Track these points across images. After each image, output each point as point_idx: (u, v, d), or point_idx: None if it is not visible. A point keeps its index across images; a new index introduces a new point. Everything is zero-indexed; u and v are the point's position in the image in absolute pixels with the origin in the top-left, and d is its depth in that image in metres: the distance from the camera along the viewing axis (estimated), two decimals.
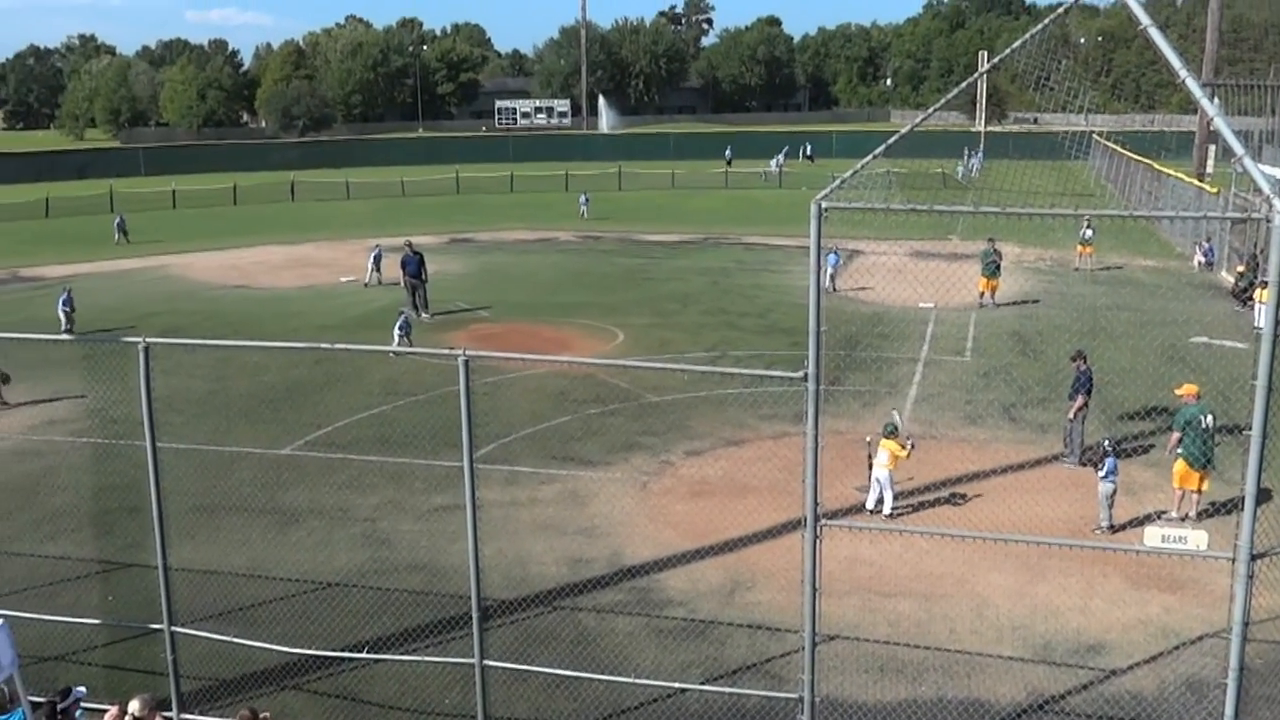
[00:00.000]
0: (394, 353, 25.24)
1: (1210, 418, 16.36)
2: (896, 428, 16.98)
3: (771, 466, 18.30)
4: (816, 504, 9.84)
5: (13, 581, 15.02)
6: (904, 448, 16.71)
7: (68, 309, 30.91)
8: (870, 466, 16.96)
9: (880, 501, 16.87)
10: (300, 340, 24.52)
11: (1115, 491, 16.08)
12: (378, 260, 38.41)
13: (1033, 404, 22.52)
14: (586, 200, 59.14)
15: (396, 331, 27.27)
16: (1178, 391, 17.16)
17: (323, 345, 13.40)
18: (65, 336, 25.95)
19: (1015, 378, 24.49)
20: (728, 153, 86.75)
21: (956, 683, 12.36)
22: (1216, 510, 16.29)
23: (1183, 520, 16.05)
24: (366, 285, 37.95)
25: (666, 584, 14.95)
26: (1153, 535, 10.14)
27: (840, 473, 16.65)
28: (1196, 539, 9.91)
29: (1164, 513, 16.53)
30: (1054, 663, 12.74)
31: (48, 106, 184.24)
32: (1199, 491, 16.38)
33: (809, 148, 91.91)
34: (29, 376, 25.07)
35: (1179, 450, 16.31)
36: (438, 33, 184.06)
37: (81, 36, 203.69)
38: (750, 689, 11.90)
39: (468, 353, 10.47)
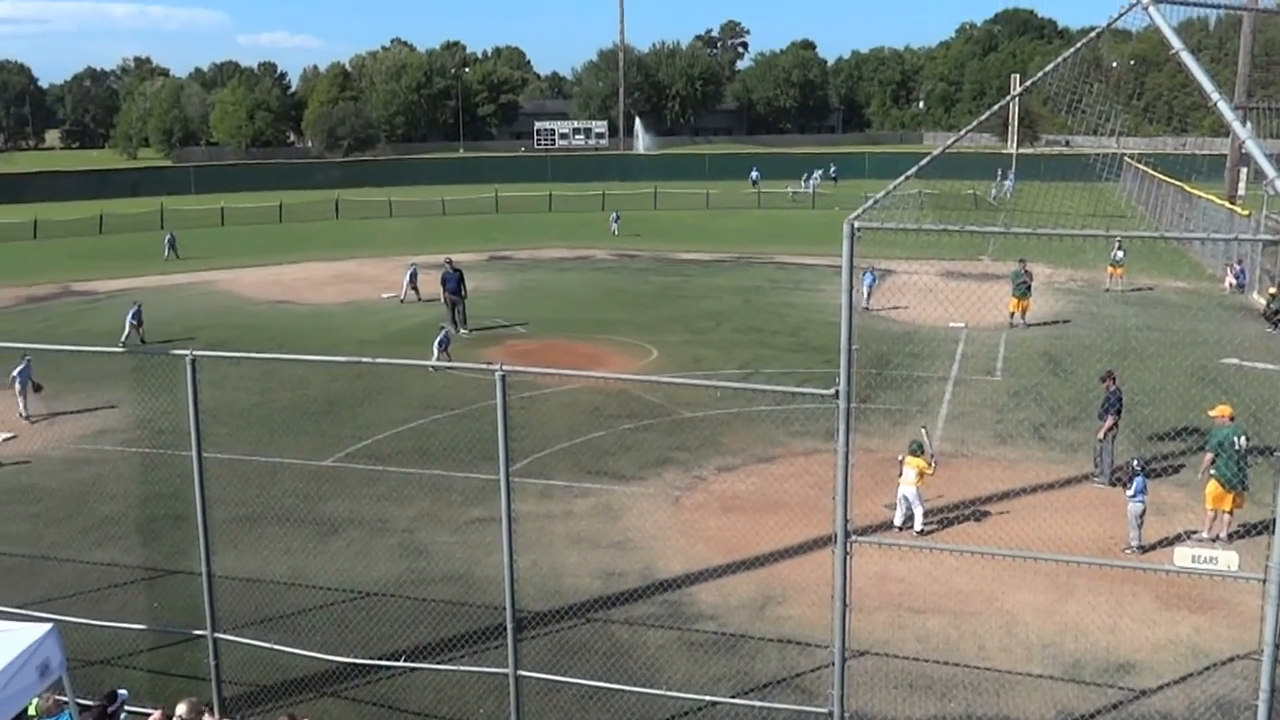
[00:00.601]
0: (433, 367, 25.31)
1: (1243, 439, 16.10)
2: (922, 445, 16.86)
3: (802, 483, 18.22)
4: (847, 520, 9.79)
5: (62, 587, 15.20)
6: (929, 465, 16.60)
7: (135, 322, 31.61)
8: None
9: (909, 518, 16.73)
10: (342, 355, 24.65)
11: (1145, 511, 15.89)
12: (414, 278, 38.65)
13: (1063, 423, 22.30)
14: (618, 219, 59.53)
15: (436, 347, 27.37)
16: (1211, 413, 16.87)
17: (364, 359, 13.47)
18: (118, 349, 26.18)
19: (1045, 397, 24.26)
20: (754, 174, 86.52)
21: (985, 700, 12.22)
22: (1247, 531, 16.02)
23: (1214, 541, 15.83)
24: (402, 301, 38.15)
25: (698, 598, 14.89)
26: (1183, 555, 10.01)
27: (870, 490, 16.56)
28: (1227, 559, 9.78)
29: (1194, 533, 16.32)
30: (1083, 681, 12.57)
31: (103, 126, 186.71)
32: (1231, 513, 16.14)
33: (832, 168, 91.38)
34: (83, 387, 25.47)
35: (1212, 471, 16.07)
36: (479, 55, 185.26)
37: (137, 59, 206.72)
38: (780, 703, 11.81)
39: (505, 368, 10.49)
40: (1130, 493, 15.90)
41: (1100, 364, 22.90)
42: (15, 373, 23.55)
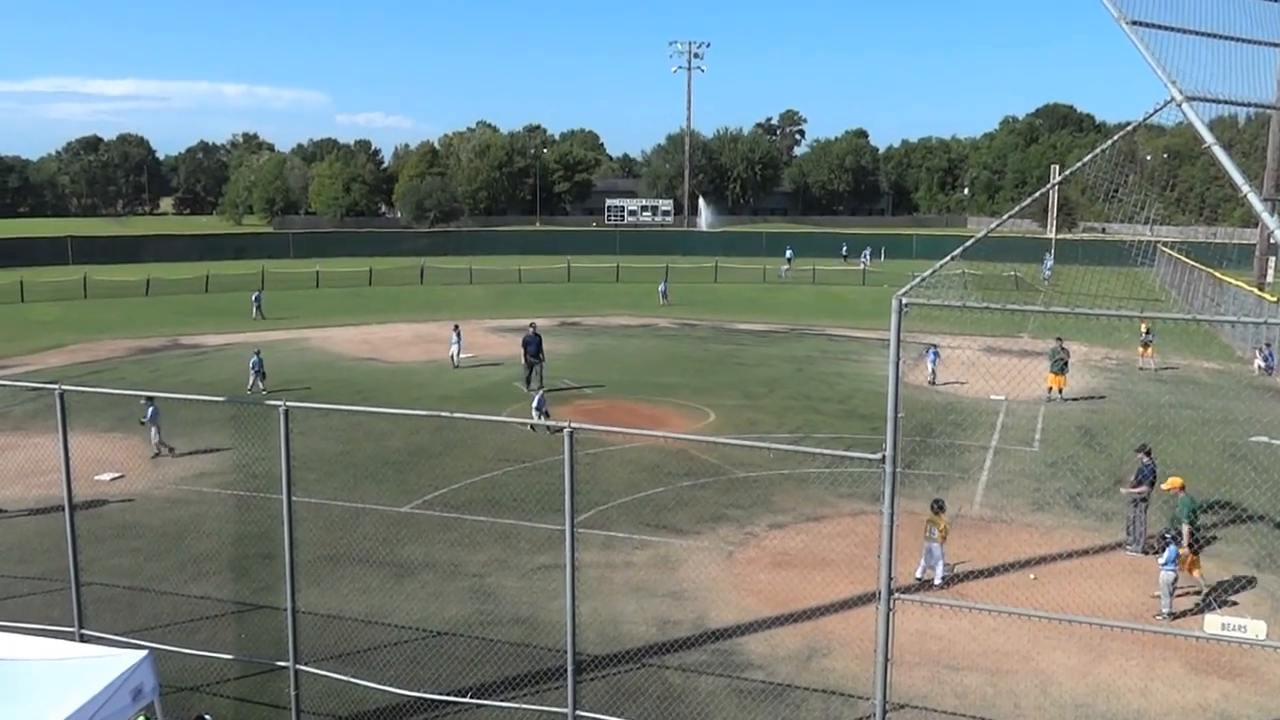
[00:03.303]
0: (533, 426, 25.56)
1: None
2: (943, 504, 16.77)
3: (849, 542, 18.05)
4: (890, 578, 9.69)
5: (158, 617, 15.41)
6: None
7: (257, 369, 32.75)
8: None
9: (946, 578, 16.51)
10: (422, 409, 24.87)
11: (1176, 579, 15.51)
12: (457, 341, 38.27)
13: (1097, 493, 21.88)
14: (665, 291, 60.10)
15: (534, 410, 27.11)
16: (1165, 486, 16.94)
17: (442, 413, 13.61)
18: (218, 399, 26.70)
19: (1081, 468, 23.83)
20: (788, 252, 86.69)
21: None
22: (1276, 601, 15.60)
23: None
24: (456, 366, 37.73)
25: (747, 647, 14.73)
26: (1212, 623, 9.77)
27: (913, 550, 16.38)
28: (1255, 628, 9.53)
29: (1226, 602, 15.88)
30: None
31: (212, 195, 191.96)
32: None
33: (845, 248, 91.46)
34: (186, 432, 25.98)
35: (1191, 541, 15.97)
36: (557, 137, 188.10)
37: (245, 134, 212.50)
38: None
39: (573, 425, 10.58)
40: (1162, 561, 15.55)
41: (1134, 438, 22.54)
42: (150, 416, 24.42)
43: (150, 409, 24.49)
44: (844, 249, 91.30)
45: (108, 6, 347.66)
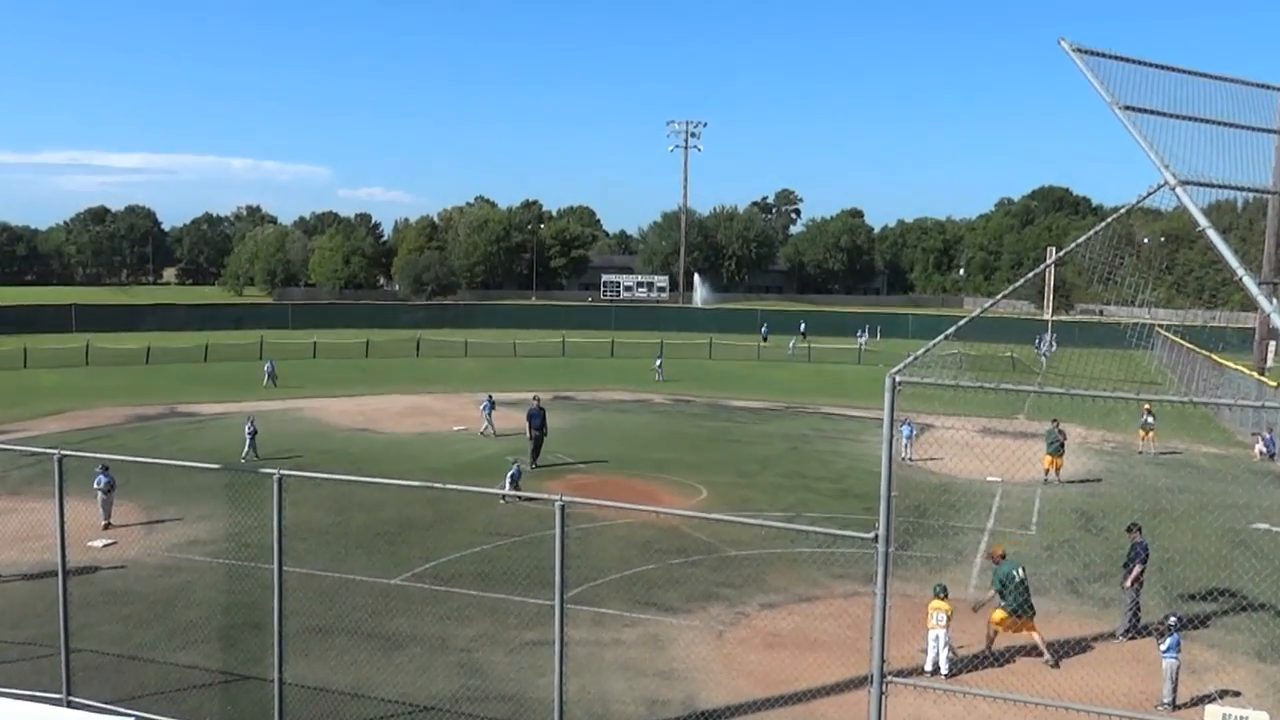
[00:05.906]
0: (504, 498, 25.48)
1: (1020, 570, 16.83)
2: (946, 589, 16.61)
3: (841, 623, 17.86)
4: (884, 661, 9.58)
5: (145, 685, 15.20)
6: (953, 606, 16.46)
7: (252, 433, 33.12)
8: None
9: (937, 664, 16.27)
10: (415, 481, 24.73)
11: (1180, 668, 15.27)
12: (489, 411, 38.58)
13: (1095, 579, 21.68)
14: (661, 366, 60.53)
15: (508, 480, 27.08)
16: (991, 560, 17.61)
17: (435, 485, 13.57)
18: (213, 466, 26.56)
19: (1079, 552, 23.66)
20: (764, 329, 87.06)
21: None
22: (1279, 692, 15.39)
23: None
24: (483, 434, 37.99)
25: None
26: (1214, 713, 9.65)
27: (907, 633, 16.18)
28: (1258, 719, 9.40)
29: (1228, 692, 15.66)
30: None
31: (215, 266, 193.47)
32: (1038, 633, 16.77)
33: (803, 325, 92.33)
34: (181, 499, 25.95)
35: (1000, 603, 16.70)
36: (554, 213, 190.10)
37: (249, 207, 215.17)
38: None
39: (564, 499, 10.53)
40: (1164, 648, 15.31)
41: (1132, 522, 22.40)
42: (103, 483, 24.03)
43: (103, 478, 23.98)
44: (763, 328, 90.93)
45: (119, 81, 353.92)
